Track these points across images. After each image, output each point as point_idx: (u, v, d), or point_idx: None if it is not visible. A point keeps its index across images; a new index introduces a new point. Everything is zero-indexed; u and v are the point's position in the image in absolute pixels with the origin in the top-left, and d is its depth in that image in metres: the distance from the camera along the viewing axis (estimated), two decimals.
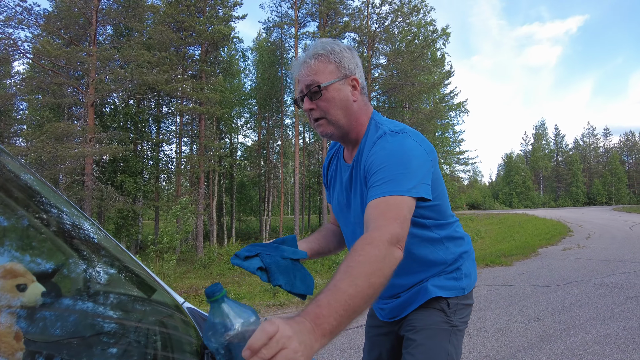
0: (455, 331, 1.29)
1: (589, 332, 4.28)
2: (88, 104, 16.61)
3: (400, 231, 0.95)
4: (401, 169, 1.06)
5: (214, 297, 0.73)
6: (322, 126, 1.20)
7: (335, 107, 1.18)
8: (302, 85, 1.20)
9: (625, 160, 70.81)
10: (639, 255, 9.42)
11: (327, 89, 1.17)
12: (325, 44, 1.22)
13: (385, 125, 1.20)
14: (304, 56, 1.23)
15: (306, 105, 1.19)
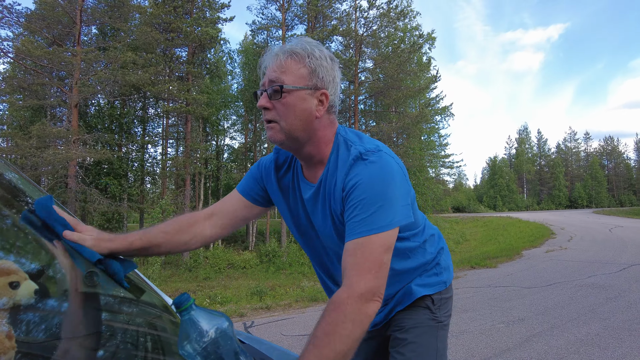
0: (441, 327, 1.31)
1: (571, 332, 4.36)
2: (72, 105, 16.31)
3: (375, 283, 0.92)
4: (380, 200, 0.98)
5: (182, 307, 0.73)
6: (272, 130, 1.06)
7: (292, 115, 1.04)
8: (266, 79, 1.06)
9: (605, 164, 72.54)
10: (619, 256, 9.65)
11: (290, 92, 1.03)
12: (306, 44, 1.08)
13: (357, 144, 1.08)
14: (278, 49, 1.08)
15: (262, 102, 1.05)
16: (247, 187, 1.26)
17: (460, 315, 5.22)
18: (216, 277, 15.96)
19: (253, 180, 1.27)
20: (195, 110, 18.66)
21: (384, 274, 0.95)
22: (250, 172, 1.30)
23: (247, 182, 1.27)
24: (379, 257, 0.95)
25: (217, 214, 1.22)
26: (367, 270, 0.92)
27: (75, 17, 17.09)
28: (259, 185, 1.26)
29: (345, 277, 0.93)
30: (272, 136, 1.07)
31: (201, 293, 11.29)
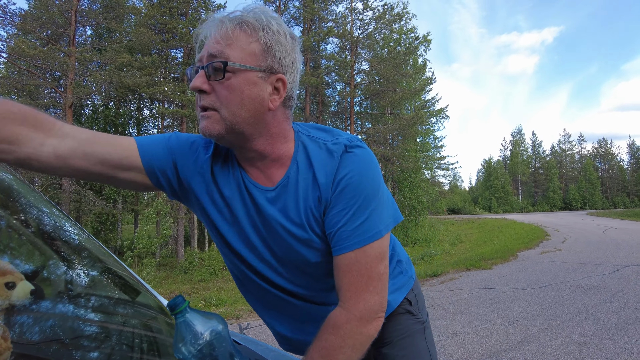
0: (426, 326, 1.25)
1: (565, 332, 4.39)
2: (66, 105, 16.22)
3: (375, 299, 0.85)
4: (374, 201, 0.87)
5: (177, 310, 0.73)
6: (208, 120, 0.82)
7: (237, 102, 0.81)
8: (205, 52, 0.82)
9: (599, 166, 73.08)
10: (612, 258, 9.72)
11: (236, 73, 0.80)
12: (261, 13, 0.85)
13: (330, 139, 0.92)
14: (224, 15, 0.84)
15: (196, 82, 0.81)
16: (152, 151, 0.92)
17: (455, 317, 5.23)
18: (211, 279, 15.90)
19: (165, 149, 0.93)
20: (190, 112, 18.61)
21: (384, 284, 0.88)
22: (165, 140, 0.95)
23: (153, 145, 0.93)
24: (377, 269, 0.86)
25: (76, 139, 0.83)
26: (365, 288, 0.84)
27: (70, 18, 17.01)
28: (168, 159, 0.94)
29: (341, 297, 0.86)
30: (207, 127, 0.82)
31: (196, 295, 11.24)
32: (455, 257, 13.50)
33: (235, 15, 0.83)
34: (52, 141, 0.79)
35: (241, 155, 0.92)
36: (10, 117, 0.74)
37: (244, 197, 0.93)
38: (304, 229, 0.90)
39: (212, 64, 0.80)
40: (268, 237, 0.95)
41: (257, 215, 0.93)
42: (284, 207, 0.91)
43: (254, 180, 0.92)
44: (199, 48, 0.87)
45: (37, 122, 0.78)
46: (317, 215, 0.89)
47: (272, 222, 0.92)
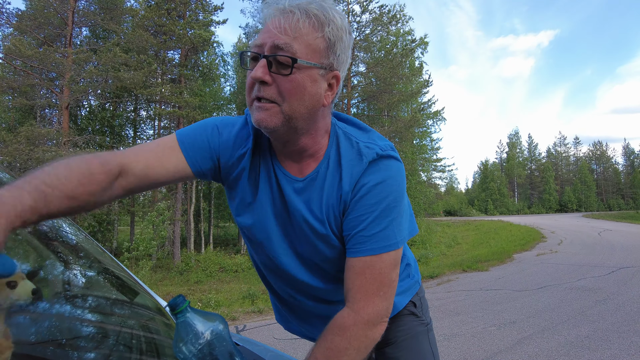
0: (429, 329, 1.26)
1: (561, 334, 4.40)
2: (62, 106, 16.18)
3: (383, 305, 0.86)
4: (395, 212, 0.88)
5: (178, 310, 0.73)
6: (267, 112, 0.81)
7: (299, 98, 0.81)
8: (268, 39, 0.79)
9: (594, 168, 73.50)
10: (607, 260, 9.77)
11: (301, 69, 0.80)
12: (326, 6, 0.83)
13: (364, 140, 0.92)
14: (290, 1, 0.81)
15: (258, 73, 0.79)
16: (198, 156, 0.92)
17: (452, 319, 5.24)
18: (208, 280, 15.87)
19: (207, 148, 0.93)
20: (187, 113, 18.59)
21: (393, 291, 0.89)
22: (204, 134, 0.94)
23: (197, 148, 0.92)
24: (389, 276, 0.87)
25: (129, 174, 0.83)
26: (375, 293, 0.85)
27: (67, 18, 16.97)
28: (212, 158, 0.94)
29: (350, 298, 0.86)
30: (265, 120, 0.81)
31: (193, 297, 11.21)
32: (451, 259, 13.53)
33: (303, 5, 0.81)
34: (119, 183, 0.82)
35: (282, 149, 0.93)
36: (86, 182, 0.73)
37: (272, 185, 0.96)
38: (324, 224, 0.92)
39: (277, 56, 0.79)
40: (289, 227, 0.97)
41: (282, 204, 0.95)
42: (308, 200, 0.93)
43: (285, 170, 0.94)
44: (256, 29, 0.86)
45: (105, 173, 0.78)
46: (336, 213, 0.91)
47: (295, 212, 0.94)
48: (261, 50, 0.80)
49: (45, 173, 0.66)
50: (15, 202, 0.55)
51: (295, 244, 0.99)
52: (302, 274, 1.02)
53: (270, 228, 0.98)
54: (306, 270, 1.02)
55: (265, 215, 0.97)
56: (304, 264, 1.01)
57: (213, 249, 20.69)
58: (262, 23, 0.84)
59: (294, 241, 0.98)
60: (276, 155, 0.95)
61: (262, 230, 0.98)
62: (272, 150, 0.96)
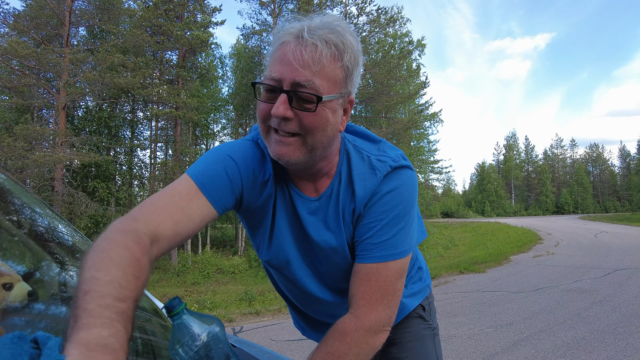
0: (436, 333, 1.27)
1: (557, 335, 4.41)
2: (59, 106, 16.12)
3: (386, 313, 0.85)
4: (404, 220, 0.88)
5: (174, 311, 0.73)
6: (288, 147, 0.79)
7: (322, 130, 0.80)
8: (288, 74, 0.76)
9: (590, 170, 73.82)
10: (603, 261, 9.80)
11: (324, 104, 0.78)
12: (343, 30, 0.80)
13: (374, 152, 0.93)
14: (307, 27, 0.78)
15: (279, 111, 0.76)
16: (221, 194, 0.86)
17: (449, 320, 5.25)
18: (205, 282, 15.83)
19: (228, 183, 0.87)
20: (185, 114, 18.56)
21: (397, 301, 0.89)
22: (221, 169, 0.87)
23: (219, 187, 0.86)
24: (394, 285, 0.87)
25: (160, 239, 0.75)
26: (379, 300, 0.85)
27: (64, 18, 16.92)
28: (234, 192, 0.89)
29: (354, 304, 0.86)
30: (287, 154, 0.79)
31: (189, 298, 11.18)
32: (449, 260, 13.55)
33: (323, 35, 0.77)
34: (152, 252, 0.73)
35: (298, 172, 0.92)
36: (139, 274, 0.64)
37: (287, 208, 0.95)
38: (341, 241, 0.93)
39: (299, 93, 0.76)
40: (308, 248, 0.98)
41: (298, 226, 0.96)
42: (325, 218, 0.94)
43: (300, 191, 0.94)
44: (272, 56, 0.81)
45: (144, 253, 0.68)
46: (350, 227, 0.93)
47: (312, 233, 0.94)
48: (280, 85, 0.77)
49: (108, 285, 0.56)
50: (120, 343, 0.51)
51: (316, 263, 1.00)
52: (322, 293, 1.03)
53: (289, 252, 0.98)
54: (326, 288, 1.03)
55: (283, 240, 0.97)
56: (324, 282, 1.02)
57: (210, 250, 20.62)
58: (277, 48, 0.80)
59: (314, 261, 0.99)
60: (291, 177, 0.95)
61: (281, 254, 0.98)
62: (286, 172, 0.95)
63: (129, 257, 0.63)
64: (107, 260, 0.61)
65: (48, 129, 15.91)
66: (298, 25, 0.79)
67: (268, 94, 0.80)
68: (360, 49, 0.84)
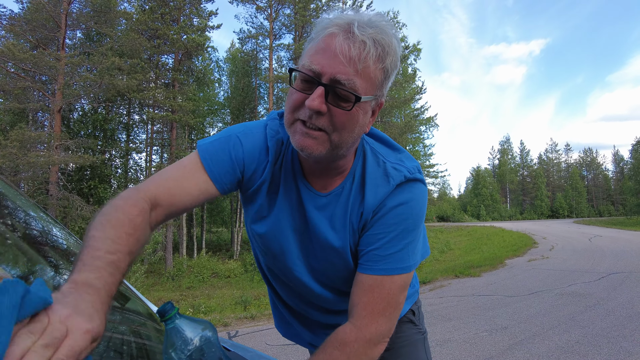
0: (425, 337, 1.28)
1: (552, 339, 4.43)
2: (55, 109, 16.05)
3: (387, 326, 0.86)
4: (412, 235, 0.88)
5: (167, 316, 0.73)
6: (314, 140, 0.78)
7: (351, 129, 0.79)
8: (329, 69, 0.73)
9: (585, 175, 74.33)
10: (598, 265, 9.86)
11: (359, 105, 0.77)
12: (390, 35, 0.77)
13: (391, 160, 0.91)
14: (357, 21, 0.75)
15: (314, 104, 0.74)
16: (222, 172, 0.88)
17: (444, 324, 5.25)
18: (200, 286, 15.77)
19: (230, 164, 0.89)
20: (181, 118, 18.54)
21: (398, 313, 0.88)
22: (226, 147, 0.89)
23: (221, 165, 0.88)
24: (397, 298, 0.87)
25: (163, 204, 0.82)
26: (381, 312, 0.84)
27: (60, 21, 16.89)
28: (235, 172, 0.90)
29: (355, 314, 0.85)
30: (311, 147, 0.78)
31: (184, 302, 11.12)
32: (444, 264, 13.58)
33: (374, 34, 0.74)
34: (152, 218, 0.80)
35: (313, 166, 0.90)
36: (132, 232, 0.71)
37: (291, 200, 0.94)
38: (344, 240, 0.92)
39: (338, 89, 0.74)
40: (307, 242, 0.97)
41: (301, 219, 0.95)
42: (331, 216, 0.92)
43: (310, 185, 0.93)
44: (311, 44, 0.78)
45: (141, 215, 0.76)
46: (355, 228, 0.91)
47: (315, 228, 0.93)
48: (318, 77, 0.74)
49: (102, 241, 0.65)
50: (103, 284, 0.58)
51: (311, 258, 0.99)
52: (314, 286, 1.02)
53: (285, 241, 0.97)
54: (318, 283, 1.02)
55: (281, 229, 0.96)
56: (317, 277, 1.02)
57: (206, 254, 20.54)
58: (322, 38, 0.76)
59: (309, 256, 0.99)
60: (302, 170, 0.93)
61: (276, 242, 0.97)
62: (297, 163, 0.93)
63: (124, 218, 0.71)
64: (105, 222, 0.70)
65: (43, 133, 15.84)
66: (347, 19, 0.76)
67: (303, 83, 0.77)
68: (400, 53, 0.82)
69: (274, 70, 22.21)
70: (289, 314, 1.19)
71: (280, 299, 1.17)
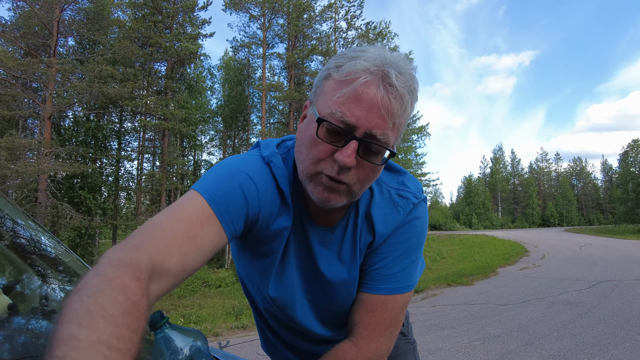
0: (414, 347, 1.28)
1: (544, 348, 4.44)
2: (45, 117, 15.92)
3: (387, 345, 0.85)
4: (413, 255, 0.87)
5: (156, 326, 0.72)
6: (334, 193, 0.72)
7: (371, 181, 0.75)
8: (366, 123, 0.67)
9: (575, 184, 75.23)
10: (588, 273, 9.93)
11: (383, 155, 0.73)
12: (417, 82, 0.72)
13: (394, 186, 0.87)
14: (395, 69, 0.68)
15: (348, 160, 0.67)
16: (236, 216, 0.74)
17: (437, 333, 5.24)
18: (191, 296, 15.58)
19: (245, 205, 0.75)
20: (173, 126, 18.48)
21: (397, 333, 0.88)
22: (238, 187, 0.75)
23: (234, 207, 0.73)
24: (397, 317, 0.86)
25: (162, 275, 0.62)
26: (382, 332, 0.84)
27: (52, 28, 16.82)
28: (248, 215, 0.76)
29: (356, 333, 0.84)
30: (331, 199, 0.73)
31: (175, 312, 10.98)
32: (436, 273, 13.58)
33: (408, 82, 0.69)
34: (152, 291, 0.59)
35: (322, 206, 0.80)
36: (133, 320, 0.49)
37: (299, 239, 0.87)
38: (354, 271, 0.88)
39: (371, 144, 0.69)
40: (314, 281, 0.91)
41: (308, 257, 0.88)
42: (339, 250, 0.87)
43: (313, 222, 0.85)
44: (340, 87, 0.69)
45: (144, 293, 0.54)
46: (362, 256, 0.88)
47: (322, 266, 0.87)
48: (352, 130, 0.68)
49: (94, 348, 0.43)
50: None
51: (317, 296, 0.93)
52: (317, 328, 0.97)
53: (295, 288, 0.90)
54: (321, 323, 0.98)
55: (292, 275, 0.88)
56: (321, 315, 0.96)
57: None
58: (354, 86, 0.67)
59: (316, 295, 0.93)
60: (305, 205, 0.85)
61: (288, 293, 0.89)
62: (302, 202, 0.85)
63: (124, 302, 0.49)
64: (93, 310, 0.47)
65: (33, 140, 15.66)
66: (378, 61, 0.68)
67: (332, 135, 0.70)
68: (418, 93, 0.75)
69: (267, 79, 22.28)
70: (280, 344, 1.11)
71: (271, 330, 1.09)
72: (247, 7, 22.05)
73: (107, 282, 0.50)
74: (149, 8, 19.32)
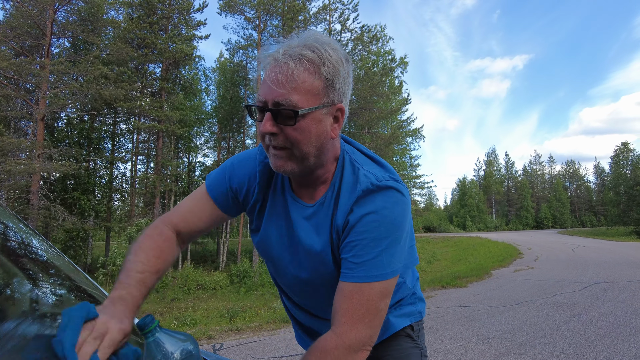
0: (423, 354, 1.26)
1: (537, 349, 4.46)
2: (38, 118, 15.79)
3: (367, 332, 0.85)
4: (386, 242, 0.87)
5: (146, 329, 0.72)
6: (281, 159, 0.87)
7: (308, 141, 0.85)
8: (269, 94, 0.83)
9: (568, 186, 75.80)
10: (581, 275, 10.00)
11: (304, 116, 0.83)
12: (320, 43, 0.85)
13: (366, 169, 0.94)
14: (282, 49, 0.84)
15: (265, 127, 0.83)
16: (223, 198, 1.04)
17: (431, 335, 5.24)
18: (185, 298, 15.51)
19: (228, 188, 1.04)
20: (167, 128, 18.40)
21: (379, 321, 0.88)
22: (225, 176, 1.05)
23: (221, 191, 1.03)
24: (376, 305, 0.86)
25: (183, 231, 1.02)
26: (360, 319, 0.84)
27: (45, 29, 16.70)
28: (232, 196, 1.05)
29: (335, 322, 0.86)
30: (282, 166, 0.88)
31: (169, 315, 10.92)
32: (431, 275, 13.62)
33: (297, 52, 0.83)
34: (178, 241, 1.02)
35: (299, 180, 0.99)
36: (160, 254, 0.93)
37: (279, 214, 1.04)
38: (326, 243, 0.96)
39: (280, 110, 0.83)
40: (294, 252, 1.03)
41: (288, 231, 1.02)
42: (317, 225, 0.97)
43: (298, 198, 1.01)
44: (259, 81, 0.88)
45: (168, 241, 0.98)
46: (337, 237, 0.94)
47: (301, 238, 1.00)
48: (265, 105, 0.84)
49: (134, 263, 0.87)
50: (131, 298, 0.80)
51: (300, 269, 1.03)
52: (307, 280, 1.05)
53: (273, 250, 1.06)
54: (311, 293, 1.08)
55: (268, 239, 1.06)
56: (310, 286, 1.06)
57: (190, 265, 20.23)
58: (263, 72, 0.88)
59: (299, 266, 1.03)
60: (291, 184, 1.02)
61: (266, 251, 1.08)
62: (287, 180, 1.03)
63: (152, 245, 0.94)
64: (137, 248, 0.92)
65: (24, 140, 15.53)
66: (275, 48, 0.86)
67: (260, 114, 0.87)
68: (341, 58, 0.87)
69: None
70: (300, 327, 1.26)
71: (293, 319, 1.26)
72: (242, 9, 22.05)
73: (146, 235, 0.96)
74: (144, 9, 19.25)
